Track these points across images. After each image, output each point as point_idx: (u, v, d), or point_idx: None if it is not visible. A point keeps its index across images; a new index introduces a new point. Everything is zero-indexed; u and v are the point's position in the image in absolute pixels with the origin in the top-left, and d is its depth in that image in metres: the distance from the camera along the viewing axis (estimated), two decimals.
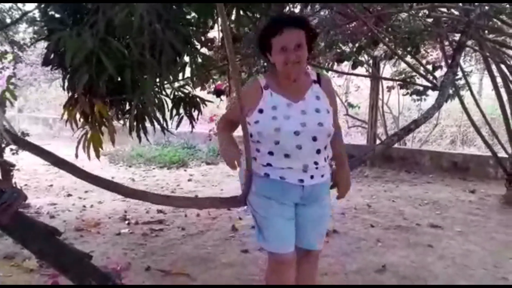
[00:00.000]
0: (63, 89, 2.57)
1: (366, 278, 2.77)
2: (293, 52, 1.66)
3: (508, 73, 4.38)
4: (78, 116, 2.71)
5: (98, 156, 2.75)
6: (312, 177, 1.74)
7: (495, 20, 4.25)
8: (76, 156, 2.56)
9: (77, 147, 2.66)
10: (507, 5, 3.97)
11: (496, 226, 3.87)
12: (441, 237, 3.59)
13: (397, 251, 3.24)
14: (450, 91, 5.71)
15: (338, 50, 4.54)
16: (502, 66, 4.30)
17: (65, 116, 2.69)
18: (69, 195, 4.95)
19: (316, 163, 1.74)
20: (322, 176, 1.79)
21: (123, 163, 7.04)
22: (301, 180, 1.72)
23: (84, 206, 4.45)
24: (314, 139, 1.70)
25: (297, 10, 3.64)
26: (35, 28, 4.71)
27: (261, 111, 1.72)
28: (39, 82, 11.58)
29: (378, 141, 6.94)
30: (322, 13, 3.84)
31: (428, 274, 2.85)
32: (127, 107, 2.90)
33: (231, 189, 5.14)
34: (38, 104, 12.99)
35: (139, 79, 2.53)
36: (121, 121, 2.94)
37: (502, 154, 4.98)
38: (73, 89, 2.54)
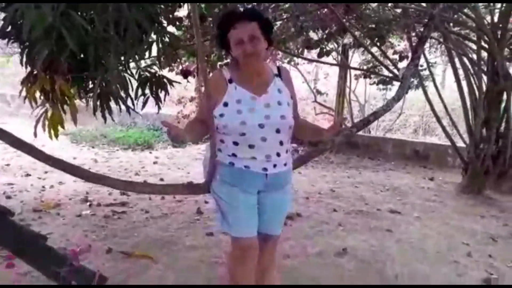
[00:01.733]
0: (21, 64, 2.44)
1: (327, 260, 2.84)
2: (249, 43, 1.71)
3: (469, 66, 4.53)
4: (38, 93, 2.60)
5: (56, 136, 2.64)
6: (275, 166, 1.80)
7: (460, 13, 4.38)
8: (35, 135, 2.45)
9: (35, 126, 2.54)
10: None
11: (451, 213, 4.05)
12: (400, 222, 3.72)
13: (357, 235, 3.34)
14: (415, 82, 5.88)
15: (306, 37, 4.53)
16: (464, 58, 4.44)
17: (24, 93, 2.57)
18: (28, 175, 4.77)
19: (278, 154, 1.80)
20: (285, 164, 1.85)
21: (86, 143, 6.84)
22: (265, 169, 1.78)
23: (43, 187, 4.31)
24: (278, 131, 1.77)
25: None
26: None
27: (226, 104, 1.76)
28: None
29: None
30: None
31: (386, 257, 2.95)
32: (90, 85, 2.80)
33: (197, 173, 5.11)
34: None
35: (103, 56, 2.45)
36: (84, 100, 2.85)
37: (460, 143, 5.19)
38: (32, 65, 2.42)
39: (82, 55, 2.39)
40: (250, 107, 1.75)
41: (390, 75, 4.00)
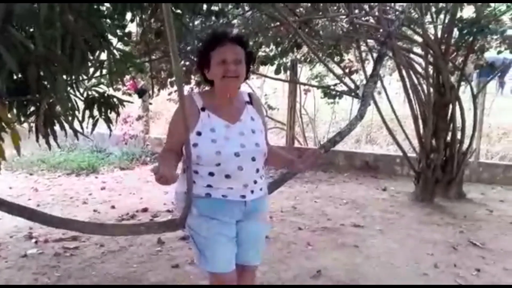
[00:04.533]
0: None
1: (303, 285, 2.75)
2: (233, 65, 1.66)
3: (415, 79, 4.73)
4: None
5: None
6: (252, 192, 1.76)
7: (403, 28, 4.57)
8: None
9: None
10: (416, 15, 4.29)
11: (410, 223, 4.15)
12: (364, 236, 3.73)
13: (327, 254, 3.29)
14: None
15: (263, 53, 4.50)
16: (412, 72, 4.62)
17: None
18: None
19: (255, 181, 1.76)
20: (261, 189, 1.81)
21: (22, 170, 6.26)
22: (243, 196, 1.74)
23: None
24: (253, 159, 1.73)
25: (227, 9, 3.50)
26: None
27: (199, 133, 1.68)
28: None
29: (296, 142, 7.10)
30: (250, 14, 3.75)
31: (359, 276, 2.93)
32: (31, 108, 2.53)
33: (151, 197, 4.84)
34: None
35: (46, 77, 2.22)
36: (24, 125, 2.56)
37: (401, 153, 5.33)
38: None
39: (21, 76, 2.15)
40: (225, 136, 1.68)
41: (346, 88, 4.06)
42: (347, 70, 5.34)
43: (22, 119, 2.55)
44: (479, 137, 5.77)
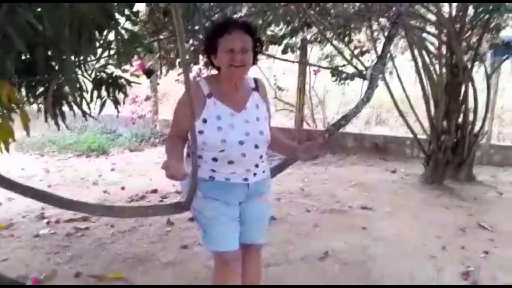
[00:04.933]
0: None
1: (311, 265, 2.78)
2: (240, 54, 1.66)
3: (427, 59, 4.63)
4: None
5: (7, 149, 2.36)
6: (255, 174, 1.79)
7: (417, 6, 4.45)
8: None
9: None
10: None
11: (419, 205, 4.13)
12: (373, 218, 3.73)
13: (335, 236, 3.30)
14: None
15: (272, 33, 4.43)
16: (424, 52, 4.53)
17: None
18: None
19: (257, 165, 1.79)
20: (264, 172, 1.85)
21: (33, 152, 6.33)
22: (246, 179, 1.77)
23: None
24: (256, 146, 1.76)
25: None
26: None
27: (205, 120, 1.70)
28: None
29: (305, 124, 7.06)
30: None
31: (367, 257, 2.93)
32: (39, 89, 2.54)
33: (161, 179, 4.84)
34: None
35: (54, 57, 2.21)
36: (33, 106, 2.59)
37: (410, 134, 5.28)
38: None
39: (29, 57, 2.15)
40: (229, 124, 1.70)
41: (355, 70, 3.98)
42: (358, 51, 5.24)
43: (31, 99, 2.58)
44: (491, 118, 5.68)
